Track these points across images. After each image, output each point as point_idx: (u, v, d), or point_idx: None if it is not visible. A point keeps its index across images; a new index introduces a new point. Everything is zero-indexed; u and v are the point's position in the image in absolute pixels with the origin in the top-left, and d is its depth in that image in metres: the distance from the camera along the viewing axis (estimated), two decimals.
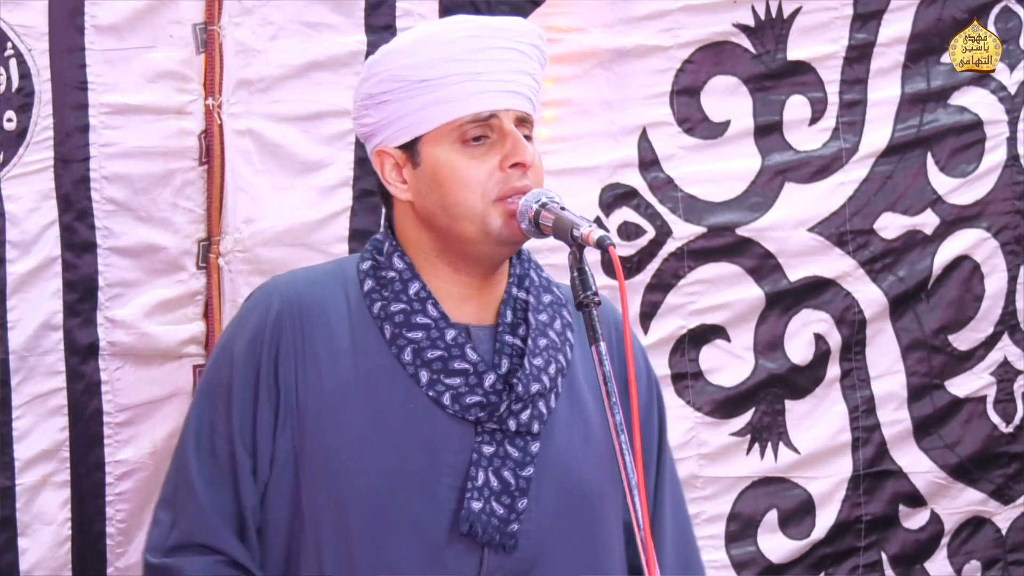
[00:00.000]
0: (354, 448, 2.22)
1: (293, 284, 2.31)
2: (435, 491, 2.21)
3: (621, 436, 2.04)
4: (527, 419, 2.23)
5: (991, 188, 3.73)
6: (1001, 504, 3.79)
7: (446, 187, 2.25)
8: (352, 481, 2.21)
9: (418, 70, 2.25)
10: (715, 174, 3.59)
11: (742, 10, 3.57)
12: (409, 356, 2.23)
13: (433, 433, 2.22)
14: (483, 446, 2.22)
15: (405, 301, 2.26)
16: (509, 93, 2.26)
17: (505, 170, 2.23)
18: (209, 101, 3.27)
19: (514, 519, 2.21)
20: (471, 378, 2.22)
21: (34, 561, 3.16)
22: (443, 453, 2.22)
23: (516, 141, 2.24)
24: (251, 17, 3.28)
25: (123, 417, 3.23)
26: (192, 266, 3.29)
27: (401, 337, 2.24)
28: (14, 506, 3.13)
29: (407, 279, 2.27)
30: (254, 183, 3.31)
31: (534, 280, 2.35)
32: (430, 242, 2.29)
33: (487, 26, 2.30)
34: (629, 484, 2.01)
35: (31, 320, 3.14)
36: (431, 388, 2.22)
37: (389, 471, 2.21)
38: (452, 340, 2.24)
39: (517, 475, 2.22)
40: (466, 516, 2.19)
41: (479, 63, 2.25)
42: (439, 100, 2.24)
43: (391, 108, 2.27)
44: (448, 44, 2.26)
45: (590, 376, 2.32)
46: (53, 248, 3.15)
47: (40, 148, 3.12)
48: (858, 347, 3.67)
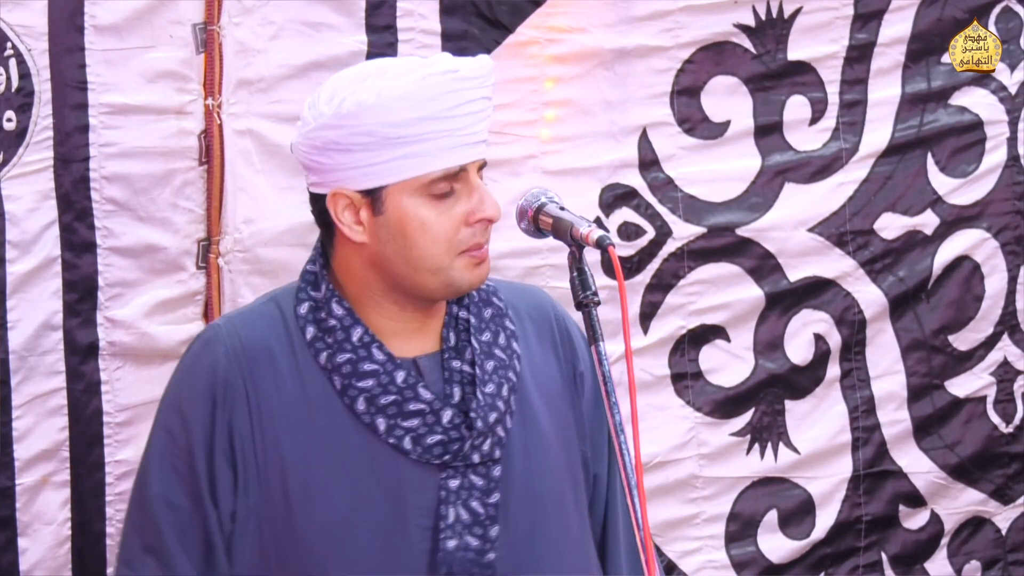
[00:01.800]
0: (319, 503, 2.20)
1: (234, 333, 2.27)
2: (406, 535, 2.20)
3: (621, 436, 2.04)
4: (488, 448, 2.23)
5: (991, 188, 3.73)
6: (1001, 504, 3.79)
7: (412, 240, 2.22)
8: (321, 536, 2.20)
9: (396, 128, 2.19)
10: (715, 174, 3.59)
11: (743, 10, 3.57)
12: (363, 405, 2.21)
13: (396, 478, 2.21)
14: (448, 481, 2.22)
15: (350, 349, 2.23)
16: (476, 144, 2.24)
17: (471, 224, 2.22)
18: (209, 101, 3.27)
19: (488, 548, 2.22)
20: (428, 417, 2.21)
21: (34, 561, 3.16)
22: (409, 495, 2.21)
23: (483, 195, 2.22)
24: (251, 17, 3.28)
25: (123, 417, 3.23)
26: (192, 266, 3.29)
27: (352, 388, 2.22)
28: (14, 506, 3.12)
29: (348, 325, 2.24)
30: (254, 183, 3.31)
31: (474, 296, 2.33)
32: (378, 283, 2.26)
33: (463, 78, 2.24)
34: (629, 484, 2.01)
35: (31, 320, 3.13)
36: (390, 435, 2.21)
37: (357, 522, 2.20)
38: (403, 382, 2.22)
39: (485, 503, 2.22)
40: (444, 558, 2.20)
41: (456, 119, 2.21)
42: (411, 154, 2.20)
43: (357, 156, 2.22)
44: (429, 101, 2.20)
45: (539, 377, 2.33)
46: (53, 248, 3.15)
47: (40, 148, 3.12)
48: (858, 347, 3.67)
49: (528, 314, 2.39)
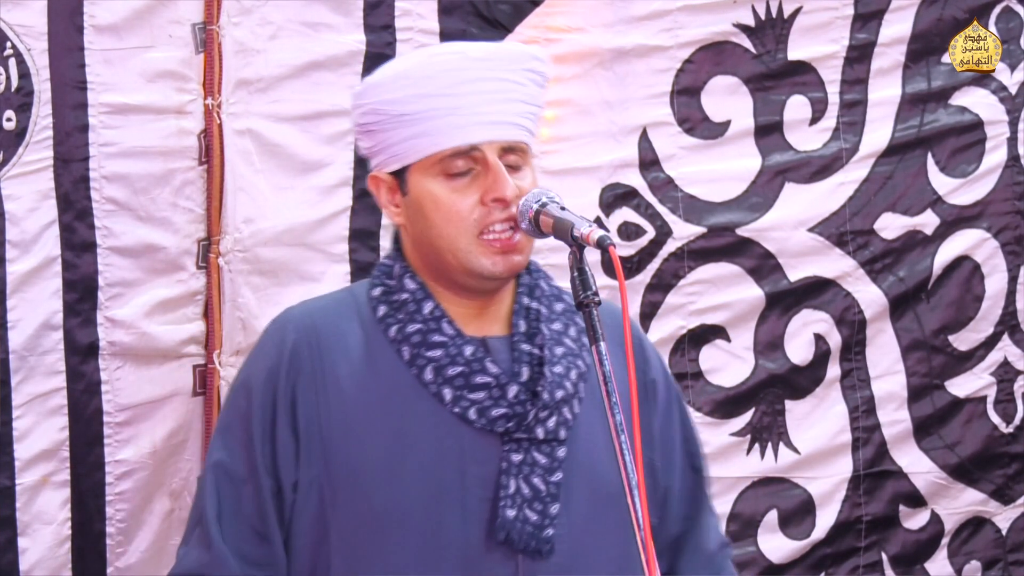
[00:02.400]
0: (382, 470, 2.22)
1: (308, 313, 2.31)
2: (466, 504, 2.21)
3: (621, 436, 2.04)
4: (554, 426, 2.23)
5: (991, 188, 3.73)
6: (1001, 504, 3.78)
7: (430, 219, 2.24)
8: (383, 503, 2.21)
9: (398, 105, 2.23)
10: (715, 174, 3.59)
11: (742, 10, 3.57)
12: (430, 375, 2.23)
13: (460, 447, 2.21)
14: (511, 455, 2.22)
15: (420, 321, 2.26)
16: (492, 124, 2.24)
17: (487, 204, 2.22)
18: (208, 101, 3.27)
19: (548, 524, 2.20)
20: (494, 391, 2.22)
21: (34, 561, 3.16)
22: (471, 466, 2.21)
23: (498, 175, 2.21)
24: (250, 17, 3.28)
25: (123, 417, 3.24)
26: (192, 266, 3.29)
27: (420, 357, 2.24)
28: (14, 506, 3.13)
29: (420, 299, 2.27)
30: (254, 183, 3.31)
31: (544, 290, 2.34)
32: (427, 265, 2.29)
33: (469, 58, 2.26)
34: (629, 484, 2.01)
35: (31, 320, 3.14)
36: (456, 404, 2.22)
37: (419, 489, 2.21)
38: (471, 355, 2.23)
39: (547, 481, 2.21)
40: (502, 524, 2.19)
41: (459, 97, 2.22)
42: (420, 133, 2.23)
43: (379, 137, 2.27)
44: (427, 79, 2.23)
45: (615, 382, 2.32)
46: (53, 248, 3.15)
47: (40, 148, 3.13)
48: (858, 347, 3.67)
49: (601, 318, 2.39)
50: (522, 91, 2.28)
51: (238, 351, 3.33)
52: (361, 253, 3.38)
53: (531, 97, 2.29)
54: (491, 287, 2.27)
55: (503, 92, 2.26)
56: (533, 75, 2.30)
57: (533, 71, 2.30)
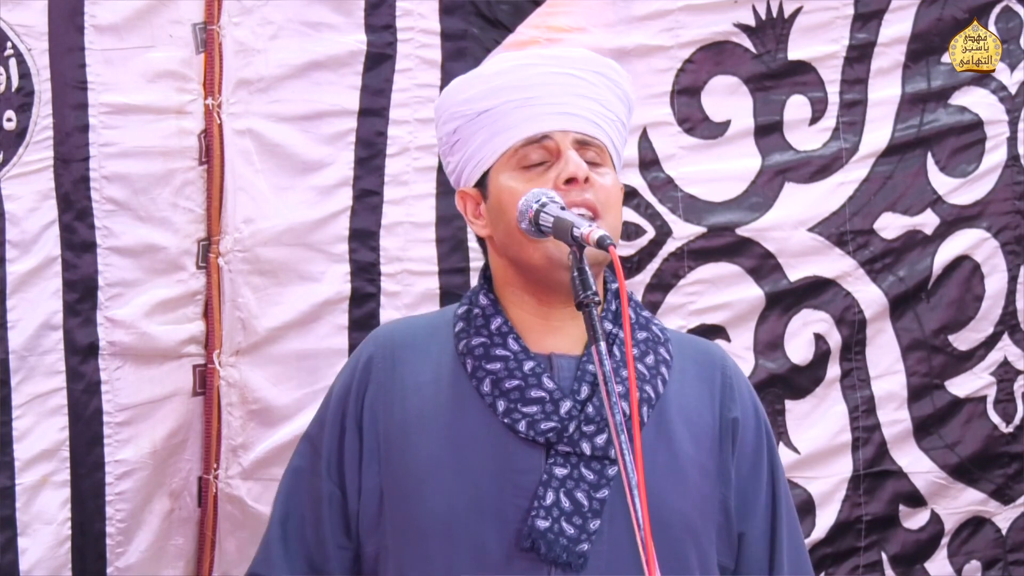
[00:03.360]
0: (429, 474, 2.26)
1: (392, 330, 2.43)
2: (504, 512, 2.23)
3: (621, 436, 2.03)
4: (603, 443, 2.24)
5: (991, 188, 3.72)
6: (1001, 504, 3.78)
7: (508, 212, 2.27)
8: (425, 507, 2.25)
9: (474, 103, 2.30)
10: (715, 174, 3.59)
11: (743, 10, 3.57)
12: (488, 387, 2.27)
13: (505, 455, 2.24)
14: (555, 468, 2.23)
15: (486, 335, 2.30)
16: (564, 115, 2.28)
17: (560, 187, 2.24)
18: (209, 101, 3.27)
19: (584, 539, 2.21)
20: (547, 405, 2.24)
21: (34, 561, 3.16)
22: (513, 475, 2.24)
23: (569, 158, 2.25)
24: (251, 17, 3.28)
25: (123, 417, 3.23)
26: (192, 266, 3.29)
27: (480, 369, 2.27)
28: (14, 506, 3.13)
29: (489, 315, 2.31)
30: (254, 183, 3.31)
31: (630, 317, 2.36)
32: (513, 275, 2.32)
33: (539, 55, 2.37)
34: (629, 484, 2.01)
35: (31, 320, 3.13)
36: (507, 416, 2.25)
37: (461, 495, 2.24)
38: (529, 370, 2.26)
39: (591, 496, 2.23)
40: (528, 532, 2.21)
41: (531, 88, 2.28)
42: (497, 130, 2.28)
43: (461, 149, 2.33)
44: (498, 75, 2.30)
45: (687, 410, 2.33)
46: (53, 248, 3.15)
47: (40, 148, 3.12)
48: (858, 347, 3.67)
49: (693, 356, 2.41)
50: (594, 90, 2.32)
51: (238, 351, 3.33)
52: (361, 253, 3.38)
53: (605, 100, 2.33)
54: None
55: (573, 87, 2.30)
56: (605, 80, 2.34)
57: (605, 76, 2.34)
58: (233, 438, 3.35)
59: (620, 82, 2.36)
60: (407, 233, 3.41)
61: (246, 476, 3.36)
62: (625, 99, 2.38)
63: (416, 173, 3.40)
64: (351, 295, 3.37)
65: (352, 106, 3.37)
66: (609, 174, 2.30)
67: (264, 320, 3.33)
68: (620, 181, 2.38)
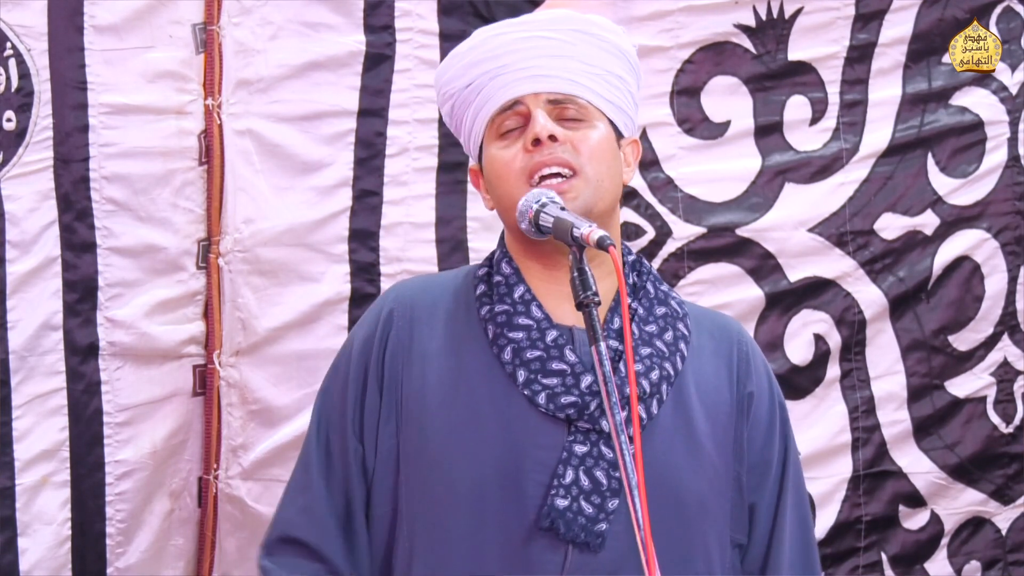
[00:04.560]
0: (448, 443, 2.25)
1: (410, 287, 2.40)
2: (523, 487, 2.21)
3: (622, 436, 2.03)
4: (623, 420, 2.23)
5: (992, 189, 3.72)
6: (1001, 504, 3.78)
7: (495, 183, 2.30)
8: (444, 475, 2.24)
9: (456, 80, 2.32)
10: (715, 174, 3.59)
11: (743, 10, 3.57)
12: (509, 355, 2.25)
13: (525, 430, 2.23)
14: (575, 445, 2.22)
15: (509, 303, 2.29)
16: (533, 78, 2.28)
17: (529, 149, 2.24)
18: (208, 101, 3.27)
19: (603, 519, 2.21)
20: (568, 379, 2.23)
21: (34, 561, 3.16)
22: (533, 450, 2.22)
23: (535, 119, 2.25)
24: (250, 17, 3.29)
25: (123, 417, 3.24)
26: (192, 266, 3.30)
27: (502, 337, 2.26)
28: (14, 506, 3.13)
29: (513, 283, 2.30)
30: (254, 183, 3.31)
31: (649, 292, 2.36)
32: (519, 243, 2.32)
33: (510, 24, 2.34)
34: (629, 484, 2.01)
35: (31, 320, 3.14)
36: (527, 387, 2.23)
37: (479, 466, 2.23)
38: (552, 341, 2.25)
39: (610, 476, 2.22)
40: (547, 512, 2.20)
41: (502, 56, 2.29)
42: (480, 103, 2.30)
43: (461, 126, 2.36)
44: (472, 49, 2.32)
45: (704, 386, 2.33)
46: (53, 248, 3.15)
47: (40, 148, 3.13)
48: (858, 347, 3.67)
49: (709, 331, 2.40)
50: (571, 48, 2.31)
51: (238, 351, 3.34)
52: (361, 253, 3.38)
53: (586, 56, 2.31)
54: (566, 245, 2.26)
55: (544, 48, 2.29)
56: (586, 36, 2.32)
57: (585, 32, 2.33)
58: (233, 438, 3.36)
59: (607, 36, 2.35)
60: (407, 233, 3.41)
61: (246, 476, 3.37)
62: (617, 51, 2.35)
63: (416, 173, 3.40)
64: (351, 295, 3.37)
65: (351, 106, 3.37)
66: (595, 128, 2.29)
67: (264, 320, 3.33)
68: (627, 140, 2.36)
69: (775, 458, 2.40)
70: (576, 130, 2.28)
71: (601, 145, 2.29)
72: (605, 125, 2.31)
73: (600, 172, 2.27)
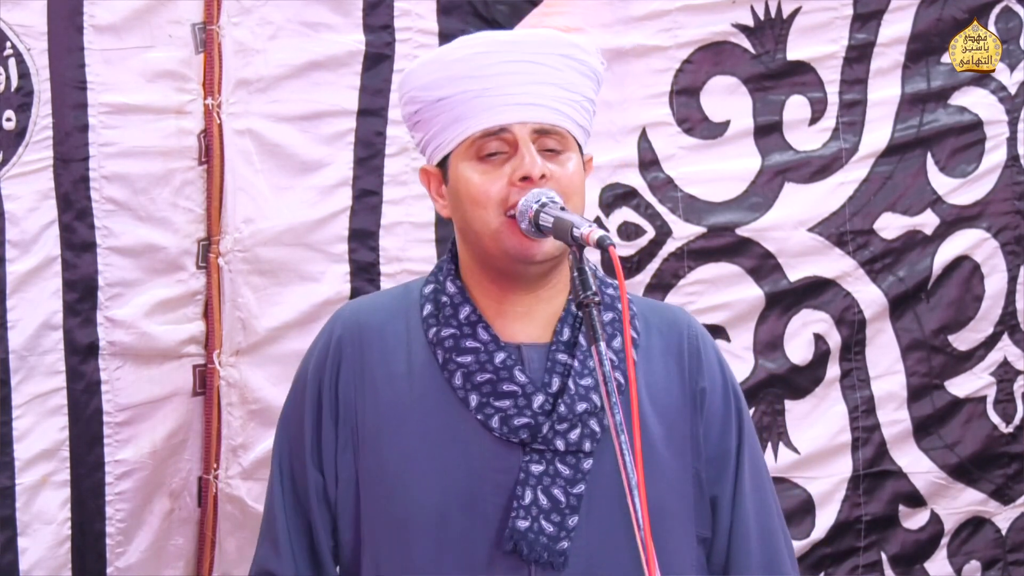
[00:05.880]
0: (406, 470, 2.25)
1: (357, 310, 2.38)
2: (483, 510, 2.22)
3: (621, 436, 2.03)
4: (577, 438, 2.24)
5: (991, 188, 3.73)
6: (1001, 504, 3.78)
7: (465, 204, 2.27)
8: (404, 502, 2.25)
9: (432, 90, 2.28)
10: (715, 174, 3.59)
11: (741, 10, 3.57)
12: (459, 380, 2.26)
13: (482, 454, 2.24)
14: (531, 465, 2.23)
15: (455, 326, 2.28)
16: (522, 106, 2.26)
17: (515, 184, 2.23)
18: (208, 101, 3.27)
19: (564, 536, 2.21)
20: (520, 400, 2.24)
21: (34, 561, 3.16)
22: (492, 474, 2.23)
23: (525, 154, 2.24)
24: (250, 17, 3.29)
25: (123, 417, 3.24)
26: (192, 266, 3.29)
27: (452, 362, 2.26)
28: (14, 506, 3.13)
29: (458, 303, 2.30)
30: (254, 183, 3.31)
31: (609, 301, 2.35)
32: (474, 260, 2.31)
33: (497, 41, 2.31)
34: (629, 484, 2.01)
35: (31, 320, 3.14)
36: (480, 411, 2.24)
37: (440, 492, 2.24)
38: (501, 363, 2.25)
39: (567, 492, 2.22)
40: (510, 534, 2.21)
41: (487, 79, 2.26)
42: (456, 118, 2.27)
43: (423, 129, 2.32)
44: (456, 62, 2.28)
45: (655, 388, 2.32)
46: (53, 248, 3.15)
47: (39, 148, 3.13)
48: (858, 347, 3.67)
49: (658, 328, 2.39)
50: (557, 75, 2.29)
51: (238, 351, 3.34)
52: (361, 253, 3.38)
53: (569, 83, 2.30)
54: (536, 271, 2.27)
55: (532, 74, 2.28)
56: (570, 61, 2.31)
57: (570, 57, 2.31)
58: (233, 438, 3.36)
59: (586, 59, 2.34)
60: (406, 233, 3.41)
61: (246, 476, 3.36)
62: (592, 74, 2.35)
63: (415, 173, 3.40)
64: (351, 295, 3.37)
65: (351, 106, 3.37)
66: (571, 159, 2.29)
67: (264, 320, 3.33)
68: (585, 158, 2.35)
69: (732, 447, 2.39)
70: (556, 163, 2.27)
71: (578, 177, 2.30)
72: (576, 153, 2.32)
73: (577, 205, 2.28)
